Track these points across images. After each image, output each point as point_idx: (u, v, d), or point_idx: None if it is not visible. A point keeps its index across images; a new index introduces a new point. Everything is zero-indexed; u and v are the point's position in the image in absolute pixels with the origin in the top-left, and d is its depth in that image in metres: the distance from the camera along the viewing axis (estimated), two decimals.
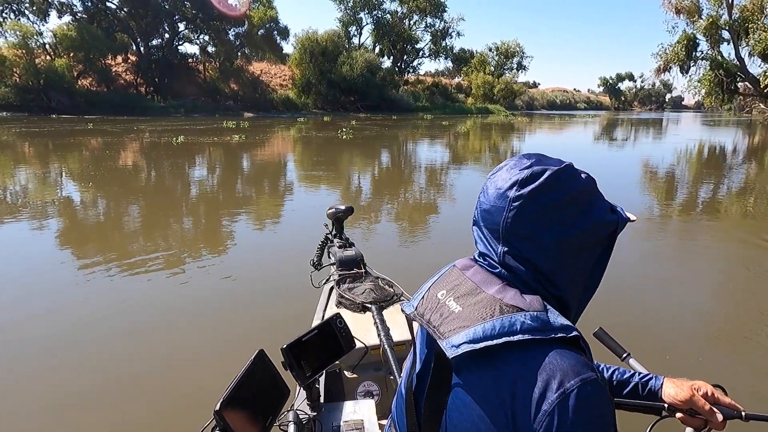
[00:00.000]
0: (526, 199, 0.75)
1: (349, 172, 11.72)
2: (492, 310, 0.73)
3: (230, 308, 3.82)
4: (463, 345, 0.71)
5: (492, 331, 0.70)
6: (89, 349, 3.19)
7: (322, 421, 1.35)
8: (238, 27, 40.39)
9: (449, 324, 0.76)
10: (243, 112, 35.75)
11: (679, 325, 3.68)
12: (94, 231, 6.28)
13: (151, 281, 4.38)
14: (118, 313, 3.67)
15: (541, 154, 0.82)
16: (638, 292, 4.33)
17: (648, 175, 12.28)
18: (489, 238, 0.80)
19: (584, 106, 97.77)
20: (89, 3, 35.85)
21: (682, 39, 32.26)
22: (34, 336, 3.32)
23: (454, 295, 0.80)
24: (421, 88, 54.01)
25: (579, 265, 0.79)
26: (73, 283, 4.29)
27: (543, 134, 28.28)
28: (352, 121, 31.04)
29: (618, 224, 0.81)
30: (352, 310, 2.00)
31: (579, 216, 0.76)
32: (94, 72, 33.90)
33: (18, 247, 5.37)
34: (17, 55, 29.69)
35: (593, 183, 0.81)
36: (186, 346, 3.22)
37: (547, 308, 0.73)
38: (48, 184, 9.25)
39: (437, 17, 53.30)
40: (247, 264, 4.94)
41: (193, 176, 10.75)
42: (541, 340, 0.69)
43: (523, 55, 61.19)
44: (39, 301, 3.87)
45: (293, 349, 1.20)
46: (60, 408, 2.59)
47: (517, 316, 0.71)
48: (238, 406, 0.97)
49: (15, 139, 17.16)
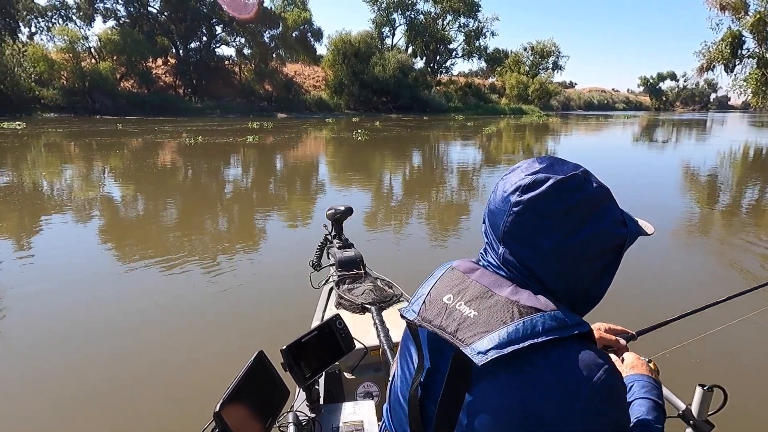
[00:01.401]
0: (525, 206, 0.74)
1: (345, 174, 11.60)
2: (511, 313, 0.72)
3: (230, 310, 3.78)
4: (491, 351, 0.70)
5: (516, 335, 0.70)
6: (88, 350, 3.16)
7: (322, 422, 1.35)
8: (273, 29, 41.09)
9: (468, 329, 0.74)
10: (276, 113, 36.34)
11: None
12: (85, 227, 6.37)
13: (151, 282, 4.37)
14: (116, 315, 3.64)
15: (556, 158, 0.81)
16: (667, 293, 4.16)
17: (689, 178, 11.82)
18: (492, 238, 0.81)
19: (623, 106, 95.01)
20: (132, 8, 37.17)
21: (727, 36, 30.88)
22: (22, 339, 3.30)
23: (464, 299, 0.78)
24: (453, 89, 53.67)
25: (580, 274, 0.77)
26: (71, 283, 4.31)
27: (576, 136, 27.56)
28: (376, 122, 31.00)
29: (627, 238, 0.79)
30: (352, 311, 2.00)
31: (582, 224, 0.75)
32: (135, 74, 35.11)
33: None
34: (64, 59, 31.10)
35: (602, 193, 0.78)
36: (185, 347, 3.19)
37: (559, 306, 0.73)
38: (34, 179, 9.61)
39: (471, 17, 52.89)
40: (246, 265, 4.89)
41: (189, 176, 10.78)
42: (562, 338, 0.70)
43: (559, 54, 60.05)
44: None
45: (293, 350, 1.20)
46: (60, 409, 2.57)
47: (537, 317, 0.71)
48: (237, 408, 0.97)
49: (60, 139, 17.92)
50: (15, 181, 9.30)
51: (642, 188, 9.79)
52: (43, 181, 9.54)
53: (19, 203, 7.55)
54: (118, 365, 2.98)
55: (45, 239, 5.83)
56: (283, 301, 3.87)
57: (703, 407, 1.09)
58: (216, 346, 3.20)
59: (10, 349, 3.24)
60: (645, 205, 7.89)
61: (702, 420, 1.08)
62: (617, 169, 12.72)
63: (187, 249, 5.34)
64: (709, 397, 1.08)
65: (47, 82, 29.91)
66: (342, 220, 2.56)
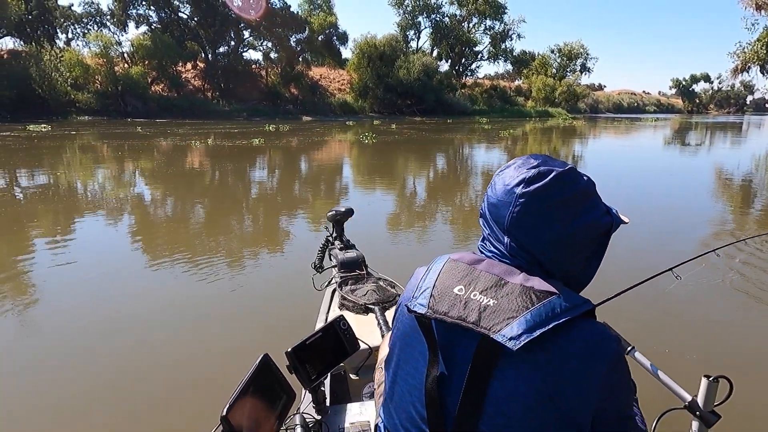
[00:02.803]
0: (531, 196, 0.82)
1: (342, 177, 11.47)
2: (530, 299, 0.77)
3: (232, 312, 3.75)
4: (523, 336, 0.74)
5: (539, 318, 0.75)
6: (91, 349, 3.15)
7: (329, 423, 1.35)
8: (300, 33, 41.59)
9: (492, 317, 0.77)
10: (301, 116, 36.73)
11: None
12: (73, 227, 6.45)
13: (150, 283, 4.36)
14: (118, 315, 3.62)
15: (548, 156, 0.89)
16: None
17: (721, 182, 11.45)
18: (496, 230, 0.86)
19: (654, 109, 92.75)
20: (163, 13, 38.17)
21: (763, 36, 29.80)
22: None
23: (478, 289, 0.81)
24: (478, 92, 53.29)
25: (574, 259, 0.85)
26: (71, 282, 4.31)
27: (603, 139, 26.98)
28: (393, 124, 30.85)
29: (612, 225, 0.88)
30: (355, 311, 2.00)
31: (577, 215, 0.83)
32: (166, 78, 35.98)
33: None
34: (99, 64, 32.12)
35: (592, 186, 0.87)
36: (187, 350, 3.16)
37: (564, 288, 0.80)
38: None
39: (497, 19, 52.45)
40: (245, 267, 4.85)
41: (182, 176, 10.80)
42: (576, 317, 0.76)
43: (588, 56, 59.01)
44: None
45: (297, 352, 1.20)
46: (61, 408, 2.54)
47: (554, 299, 0.77)
48: (244, 411, 0.98)
49: (76, 141, 18.46)
50: (29, 181, 9.64)
51: (674, 191, 9.54)
52: (50, 178, 9.85)
53: (29, 200, 7.81)
54: (122, 367, 2.94)
55: (44, 240, 5.87)
56: (286, 304, 3.83)
57: (709, 398, 1.08)
58: (220, 348, 3.16)
59: (9, 349, 3.19)
60: (671, 207, 7.69)
61: (708, 411, 1.08)
62: (647, 172, 12.42)
63: (183, 251, 5.27)
64: (715, 388, 1.08)
65: (82, 86, 30.93)
66: (343, 222, 2.56)
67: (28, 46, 32.17)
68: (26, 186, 9.33)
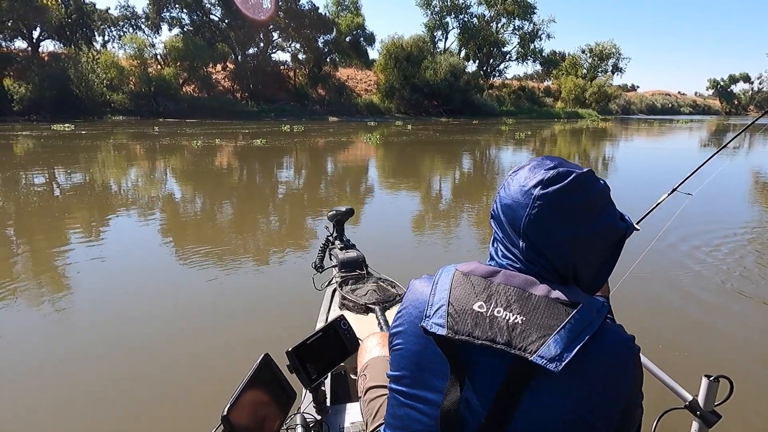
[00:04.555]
0: (550, 197, 0.79)
1: (326, 179, 11.34)
2: (558, 311, 0.75)
3: (233, 313, 3.73)
4: (565, 355, 0.71)
5: (574, 332, 0.73)
6: (92, 349, 3.15)
7: (329, 423, 1.35)
8: (327, 34, 41.93)
9: (524, 337, 0.73)
10: (328, 117, 36.98)
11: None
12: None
13: (150, 283, 4.36)
14: (118, 317, 3.62)
15: (561, 158, 0.86)
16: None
17: (759, 187, 11.01)
18: (510, 233, 0.83)
19: (689, 110, 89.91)
20: (195, 16, 39.02)
21: None
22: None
23: (501, 305, 0.77)
24: (506, 92, 52.70)
25: (589, 265, 0.83)
26: (72, 280, 4.34)
27: (630, 142, 26.25)
28: (409, 125, 30.56)
29: (627, 230, 0.86)
30: (356, 311, 2.00)
31: (593, 218, 0.81)
32: (196, 79, 36.76)
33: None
34: (133, 65, 33.13)
35: (608, 190, 0.85)
36: (189, 352, 3.15)
37: (584, 294, 0.79)
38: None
39: (526, 19, 51.82)
40: (245, 267, 4.83)
41: (175, 177, 10.85)
42: (602, 322, 0.76)
43: (620, 56, 57.69)
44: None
45: (298, 352, 1.20)
46: (60, 408, 2.54)
47: (583, 310, 0.76)
48: (245, 411, 0.98)
49: (93, 141, 18.91)
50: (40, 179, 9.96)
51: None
52: (60, 175, 10.15)
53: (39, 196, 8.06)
54: (122, 366, 2.93)
55: (45, 237, 5.91)
56: (287, 303, 3.81)
57: (709, 398, 1.07)
58: (220, 348, 3.15)
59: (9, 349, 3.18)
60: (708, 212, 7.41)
61: (709, 411, 1.07)
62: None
63: (180, 252, 5.27)
64: (716, 388, 1.07)
65: (117, 87, 31.87)
66: (343, 221, 2.57)
67: (67, 49, 33.40)
68: (64, 183, 9.67)
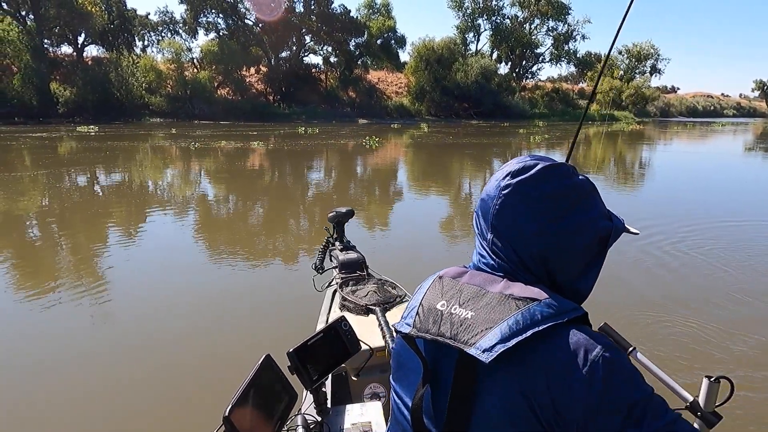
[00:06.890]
0: (513, 188, 0.78)
1: (303, 182, 11.31)
2: (507, 307, 0.73)
3: (233, 314, 3.75)
4: (497, 346, 0.70)
5: (517, 326, 0.70)
6: (91, 349, 3.20)
7: (330, 424, 1.36)
8: (358, 37, 42.19)
9: (468, 331, 0.74)
10: (358, 119, 37.19)
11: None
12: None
13: (149, 284, 4.44)
14: (120, 316, 3.67)
15: (547, 156, 0.84)
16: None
17: None
18: (482, 226, 0.84)
19: (733, 113, 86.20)
20: (231, 21, 39.93)
21: None
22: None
23: (458, 303, 0.78)
24: (539, 94, 51.79)
25: (568, 266, 0.79)
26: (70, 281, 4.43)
27: (668, 147, 25.30)
28: (424, 127, 30.35)
29: (613, 231, 0.82)
30: (356, 312, 2.01)
31: (565, 214, 0.77)
32: (231, 82, 37.59)
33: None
34: (170, 69, 34.28)
35: (588, 186, 0.81)
36: (191, 353, 3.17)
37: (552, 294, 0.75)
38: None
39: (560, 20, 50.73)
40: (245, 269, 4.86)
41: (178, 181, 11.01)
42: (560, 323, 0.71)
43: (659, 57, 55.85)
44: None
45: (299, 353, 1.22)
46: (61, 407, 2.57)
47: (534, 306, 0.72)
48: (246, 412, 0.99)
49: (106, 141, 19.37)
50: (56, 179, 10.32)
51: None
52: (66, 174, 10.49)
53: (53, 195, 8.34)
54: (124, 367, 2.96)
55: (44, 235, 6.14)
56: (287, 305, 3.83)
57: (710, 399, 1.06)
58: (221, 349, 3.17)
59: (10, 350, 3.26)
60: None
61: (710, 412, 1.06)
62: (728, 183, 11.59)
63: (179, 255, 5.30)
64: (716, 389, 1.05)
65: (155, 90, 33.00)
66: (343, 223, 2.57)
67: (109, 53, 34.74)
68: (104, 183, 10.04)
